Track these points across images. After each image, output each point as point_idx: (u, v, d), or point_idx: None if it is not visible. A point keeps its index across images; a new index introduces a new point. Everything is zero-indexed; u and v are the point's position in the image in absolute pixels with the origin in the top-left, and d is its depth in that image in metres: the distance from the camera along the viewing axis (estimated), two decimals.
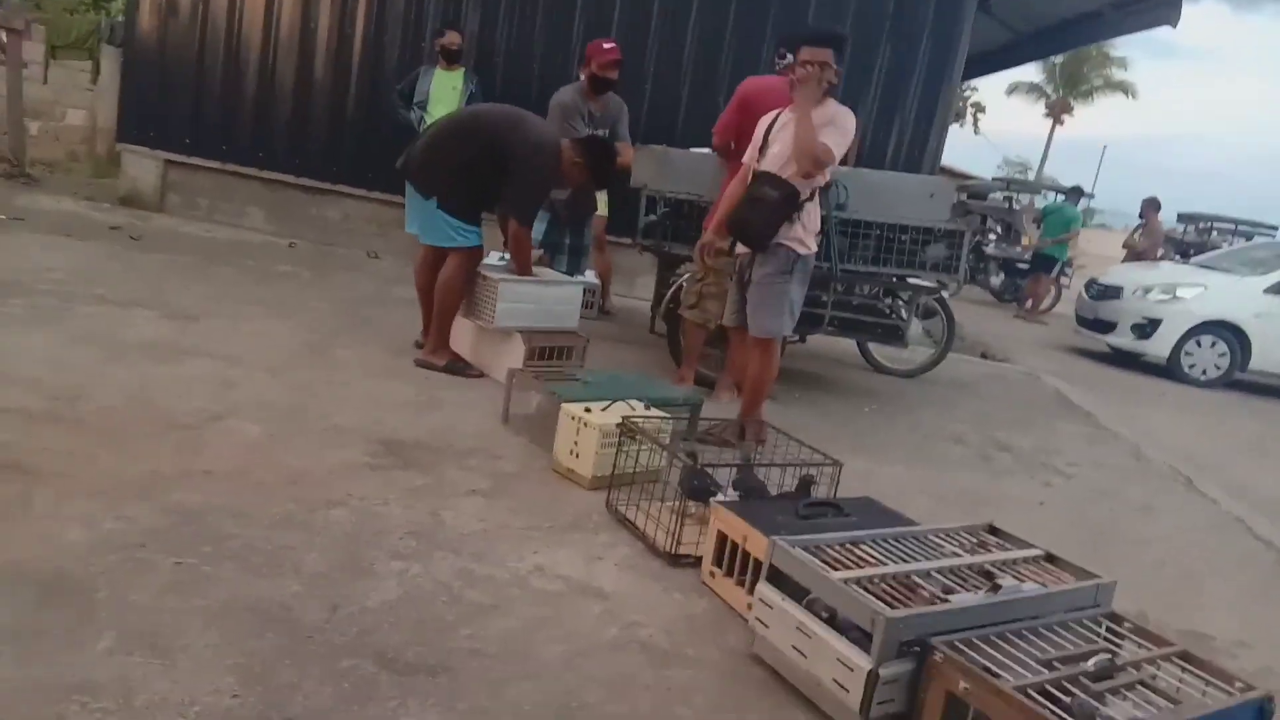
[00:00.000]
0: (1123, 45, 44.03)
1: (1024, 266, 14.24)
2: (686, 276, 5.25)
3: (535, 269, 5.08)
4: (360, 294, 6.41)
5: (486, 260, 5.39)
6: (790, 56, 4.79)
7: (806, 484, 3.24)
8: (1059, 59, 38.59)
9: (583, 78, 5.81)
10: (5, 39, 9.21)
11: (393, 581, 2.50)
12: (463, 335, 4.98)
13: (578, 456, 3.51)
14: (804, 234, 4.15)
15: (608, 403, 3.65)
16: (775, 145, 4.18)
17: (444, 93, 7.07)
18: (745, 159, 4.36)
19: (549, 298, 4.93)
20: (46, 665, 1.91)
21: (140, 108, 8.44)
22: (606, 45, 5.66)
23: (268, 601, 2.29)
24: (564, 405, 3.63)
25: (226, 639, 2.10)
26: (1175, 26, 8.90)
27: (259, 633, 2.15)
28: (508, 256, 5.10)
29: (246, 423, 3.51)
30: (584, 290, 5.77)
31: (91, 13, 16.14)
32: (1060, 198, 15.04)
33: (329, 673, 2.04)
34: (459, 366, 4.77)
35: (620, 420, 3.43)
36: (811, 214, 4.18)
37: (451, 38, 7.02)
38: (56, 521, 2.51)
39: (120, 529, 2.53)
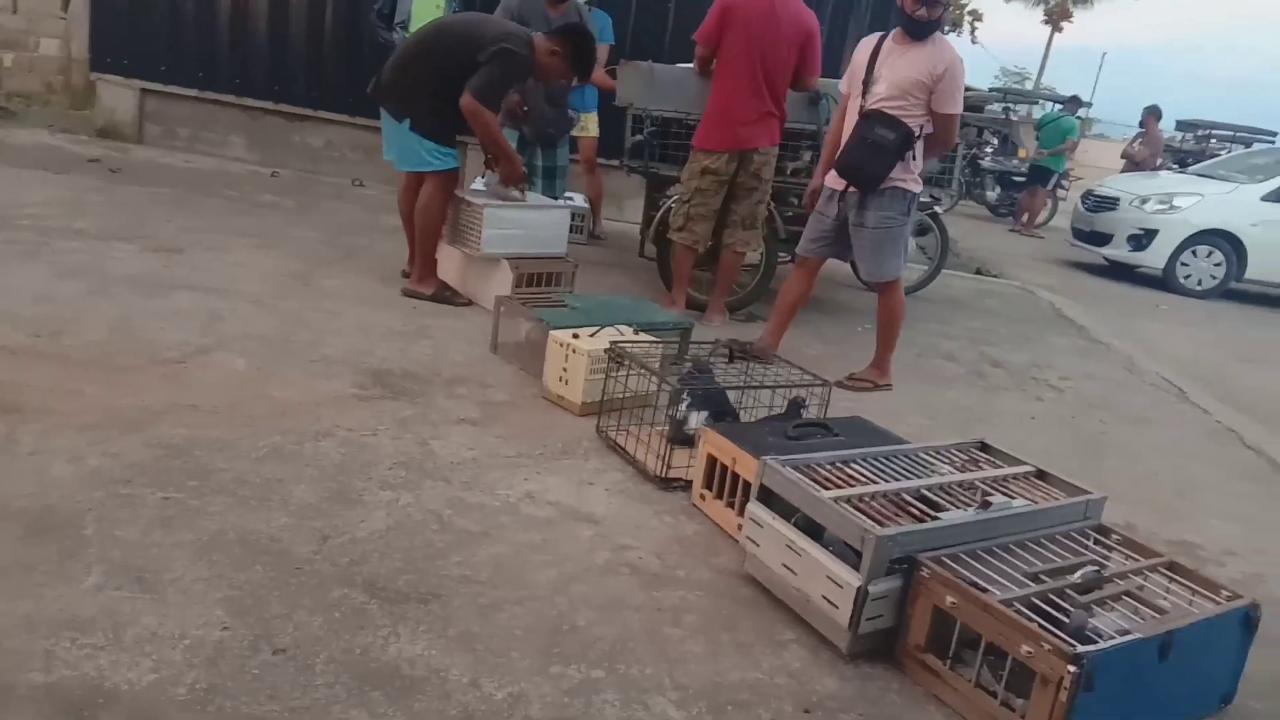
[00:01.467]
0: None
1: (1021, 180, 14.04)
2: (674, 199, 5.16)
3: (515, 193, 4.98)
4: (346, 223, 6.31)
5: (472, 186, 5.31)
6: None
7: (796, 405, 3.23)
8: None
9: None
10: None
11: (382, 511, 2.50)
12: (449, 263, 4.92)
13: (567, 383, 3.50)
14: (915, 172, 4.09)
15: (596, 328, 3.61)
16: (881, 81, 4.00)
17: (426, 12, 6.81)
18: (844, 88, 4.24)
19: (536, 223, 4.85)
20: (35, 601, 1.91)
21: (113, 36, 8.19)
22: None
23: (256, 534, 2.29)
24: (552, 332, 3.60)
25: (215, 572, 2.11)
26: None
27: (248, 565, 2.15)
28: (488, 180, 5.01)
29: (233, 355, 3.48)
30: (572, 214, 5.68)
31: None
32: (1057, 108, 14.77)
33: (319, 603, 2.05)
34: (446, 295, 4.72)
35: (609, 345, 3.41)
36: (920, 151, 4.08)
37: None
38: (42, 457, 2.50)
39: (106, 464, 2.51)
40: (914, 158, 4.06)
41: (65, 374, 3.07)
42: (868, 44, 4.16)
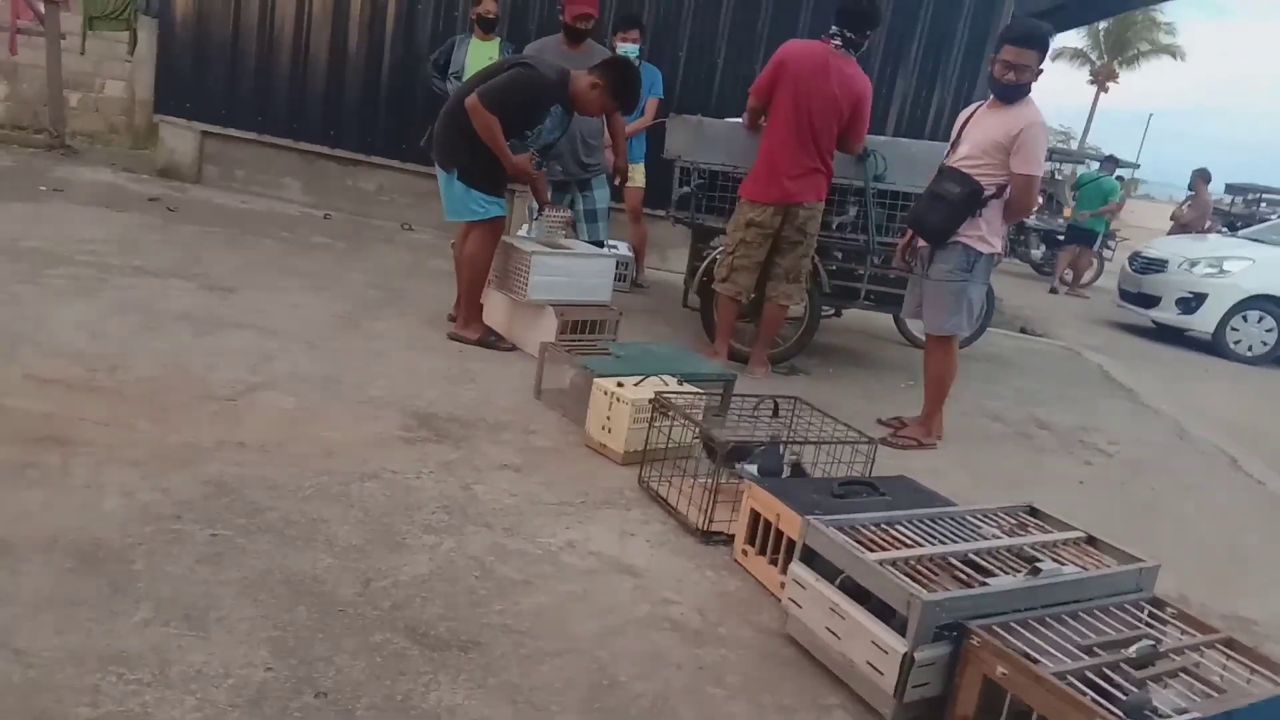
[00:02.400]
0: (1170, 9, 42.91)
1: (1061, 239, 13.95)
2: (719, 250, 5.19)
3: (562, 240, 5.05)
4: (395, 266, 6.42)
5: (519, 233, 5.39)
6: (840, 33, 4.69)
7: (798, 469, 3.19)
8: (1105, 24, 37.65)
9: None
10: (43, 9, 9.28)
11: (425, 556, 2.51)
12: (495, 308, 4.97)
13: (610, 431, 3.50)
14: (986, 231, 4.09)
15: (640, 377, 3.62)
16: (965, 143, 4.12)
17: (480, 63, 6.97)
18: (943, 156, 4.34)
19: (582, 270, 4.90)
20: (83, 635, 1.93)
21: (177, 79, 8.48)
22: None
23: (301, 574, 2.30)
24: (596, 379, 3.61)
25: (260, 611, 2.12)
26: None
27: (292, 606, 2.16)
28: (533, 226, 5.08)
29: (282, 394, 3.53)
30: (617, 263, 5.73)
31: None
32: (1096, 166, 14.70)
33: (361, 646, 2.05)
34: (491, 340, 4.76)
35: (653, 395, 3.41)
36: (996, 211, 4.10)
37: (487, 6, 6.90)
38: (94, 491, 2.54)
39: (157, 500, 2.55)
40: (981, 215, 4.05)
41: (118, 409, 3.13)
42: (966, 112, 4.30)
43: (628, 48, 6.55)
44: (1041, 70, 3.99)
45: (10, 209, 6.08)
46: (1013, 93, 3.99)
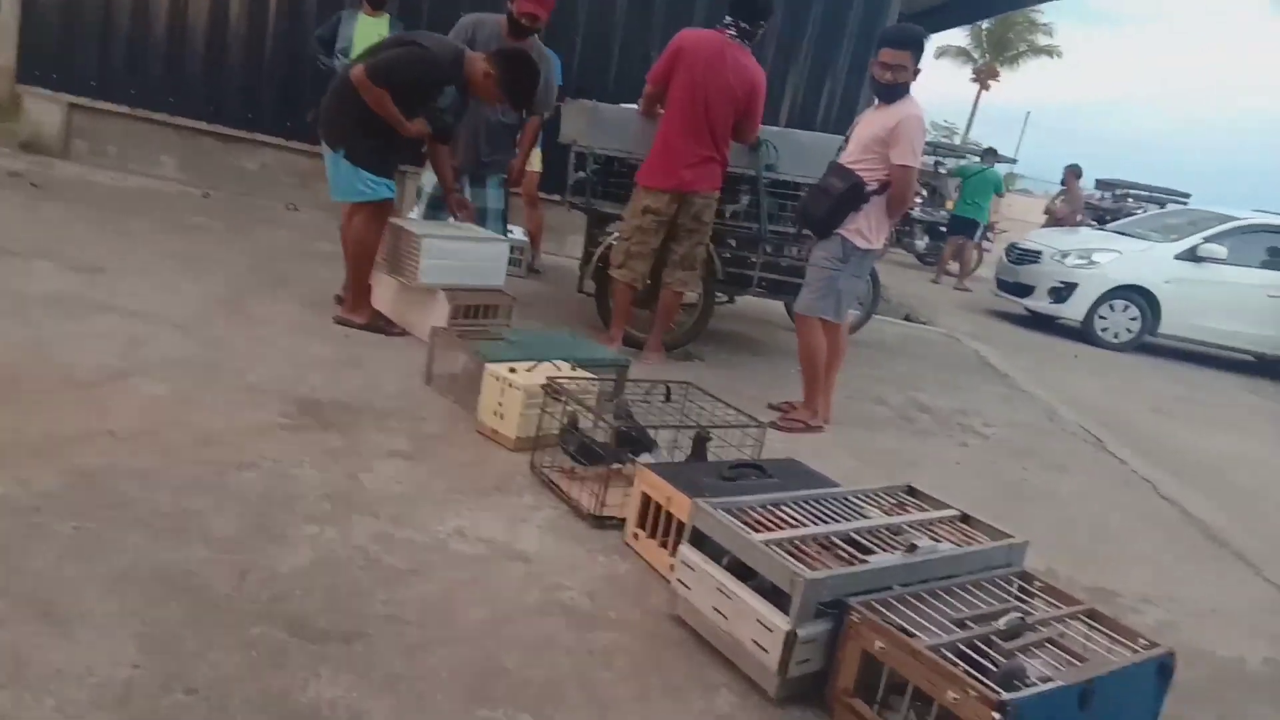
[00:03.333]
0: (1050, 10, 44.83)
1: (945, 230, 14.43)
2: (615, 236, 5.19)
3: (454, 223, 4.96)
4: (278, 248, 6.20)
5: (409, 215, 5.26)
6: (735, 23, 4.73)
7: (701, 442, 3.24)
8: (987, 24, 39.12)
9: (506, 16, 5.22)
10: None
11: (306, 546, 2.43)
12: (384, 292, 4.86)
13: (502, 418, 3.46)
14: (864, 226, 4.22)
15: (533, 363, 3.60)
16: (852, 142, 4.29)
17: (367, 39, 6.75)
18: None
19: (475, 254, 4.82)
20: None
21: (42, 47, 7.97)
22: None
23: (173, 568, 2.20)
24: (488, 365, 3.57)
25: (128, 607, 2.02)
26: None
27: (163, 601, 2.07)
28: (422, 209, 4.98)
29: (154, 381, 3.37)
30: (511, 247, 5.65)
31: None
32: (975, 160, 15.24)
33: (236, 641, 1.97)
34: (380, 324, 4.65)
35: (545, 381, 3.39)
36: (877, 208, 4.23)
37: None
38: None
39: (14, 492, 2.40)
40: (862, 210, 4.20)
41: None
42: (859, 116, 4.50)
43: None
44: (919, 69, 4.18)
45: None
46: (891, 92, 4.18)
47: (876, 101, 4.33)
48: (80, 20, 7.87)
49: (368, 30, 6.74)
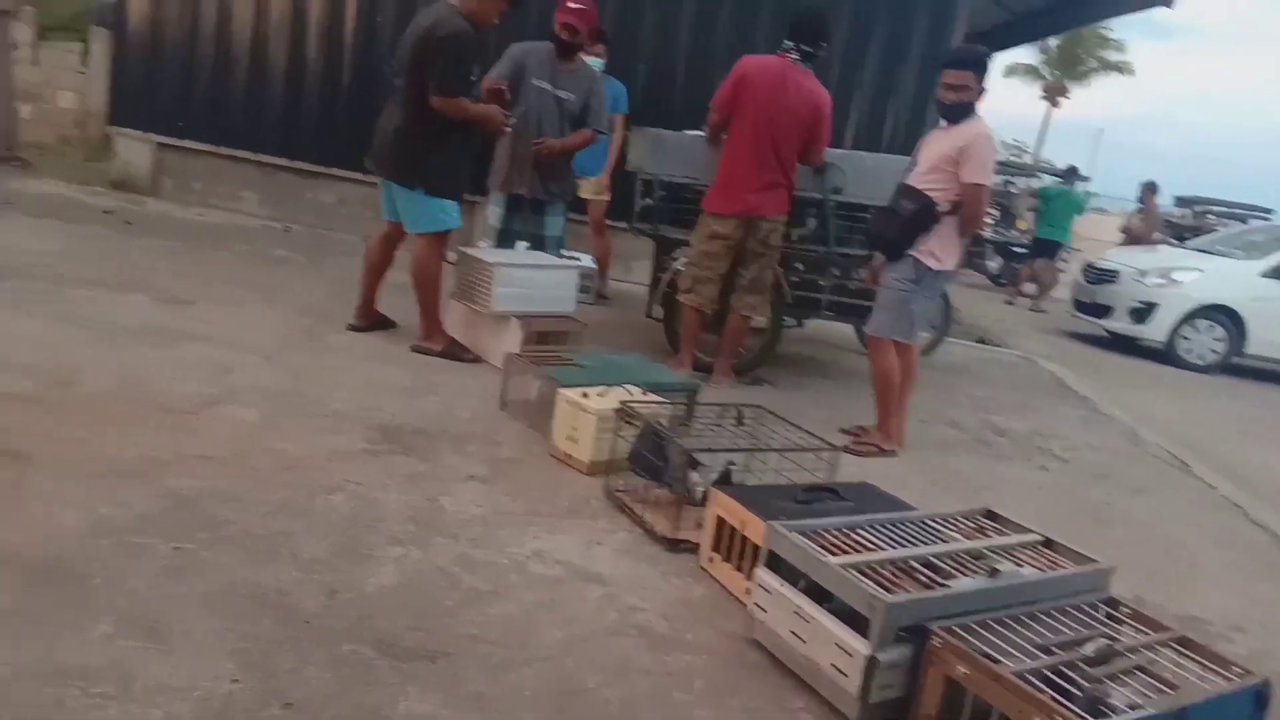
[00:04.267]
0: (1120, 26, 43.89)
1: (1022, 251, 14.16)
2: (682, 261, 5.23)
3: (532, 253, 5.07)
4: (355, 278, 6.34)
5: (480, 244, 5.38)
6: (796, 47, 4.78)
7: (726, 475, 3.21)
8: (1055, 41, 38.45)
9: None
10: None
11: (391, 567, 2.50)
12: (457, 320, 4.97)
13: (575, 442, 3.51)
14: (936, 246, 4.21)
15: (605, 388, 3.64)
16: (920, 163, 4.29)
17: None
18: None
19: (546, 282, 4.91)
20: (44, 650, 1.90)
21: (132, 90, 8.37)
22: (570, 4, 5.18)
23: (266, 587, 2.28)
24: (562, 390, 3.62)
25: (225, 624, 2.10)
26: (1171, 6, 8.83)
27: (257, 618, 2.15)
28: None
29: (243, 408, 3.50)
30: (581, 274, 5.73)
31: None
32: (1052, 180, 14.95)
33: (328, 658, 2.04)
34: (454, 350, 4.75)
35: (619, 405, 3.43)
36: (949, 228, 4.22)
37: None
38: (52, 506, 2.50)
39: (116, 514, 2.52)
40: (933, 231, 4.18)
41: (74, 423, 3.08)
42: (924, 137, 4.50)
43: (592, 60, 6.56)
44: (983, 89, 4.18)
45: None
46: (956, 112, 4.20)
47: (943, 122, 4.33)
48: (166, 65, 8.25)
49: None
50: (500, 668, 2.13)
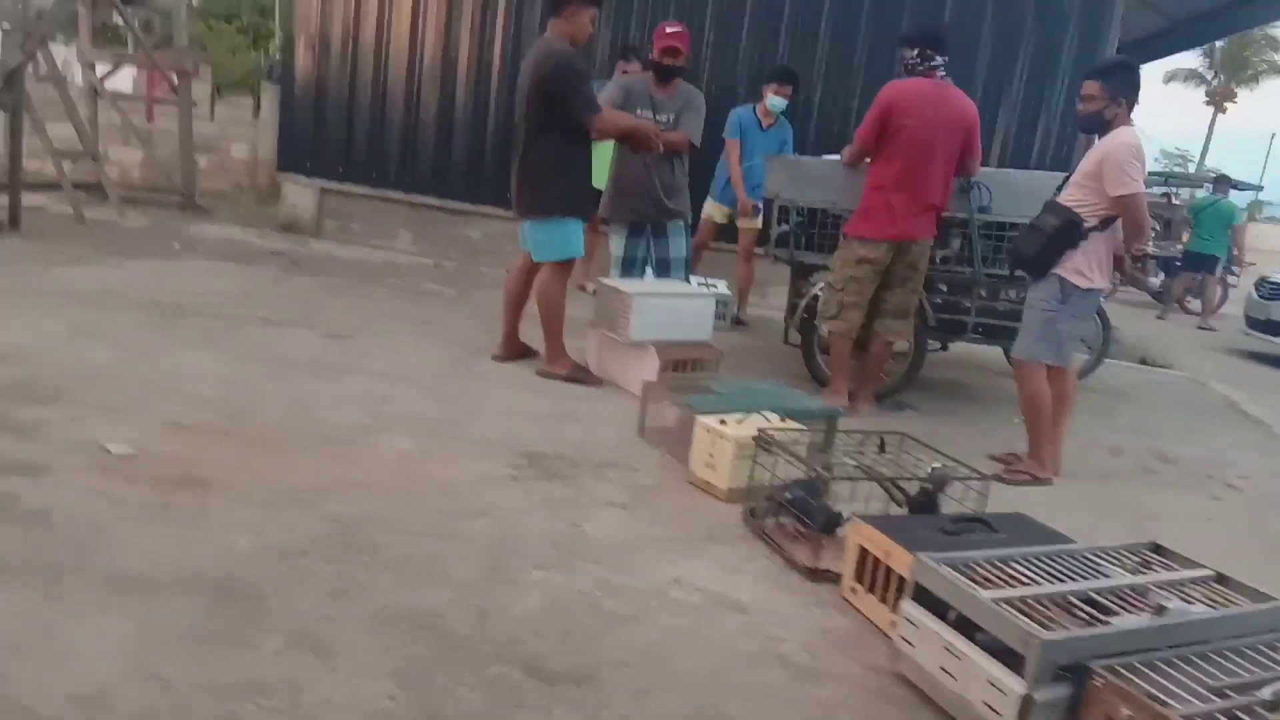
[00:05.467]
0: None
1: (1177, 265, 13.34)
2: (821, 286, 5.18)
3: (668, 282, 5.13)
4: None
5: (614, 275, 5.48)
6: (913, 52, 4.69)
7: (940, 482, 3.13)
8: (1220, 43, 36.19)
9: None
10: (177, 80, 9.97)
11: (536, 591, 2.57)
12: (595, 348, 5.08)
13: (714, 469, 3.52)
14: (1083, 264, 4.08)
15: (743, 415, 3.64)
16: (1071, 180, 4.21)
17: None
18: None
19: (682, 310, 4.96)
20: (219, 665, 2.05)
21: (298, 140, 8.99)
22: (669, 29, 5.34)
23: (421, 609, 2.39)
24: (699, 418, 3.64)
25: (384, 644, 2.21)
26: None
27: (413, 639, 2.25)
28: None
29: (398, 436, 3.68)
30: (716, 301, 5.76)
31: (252, 53, 17.24)
32: (1208, 190, 14.02)
33: (479, 679, 2.11)
34: (580, 375, 4.86)
35: (756, 432, 3.42)
36: (1099, 244, 4.08)
37: (634, 67, 6.71)
38: (228, 530, 2.69)
39: (285, 538, 2.69)
40: (1080, 248, 4.03)
41: (247, 452, 3.31)
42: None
43: (776, 101, 6.63)
44: (1118, 99, 4.02)
45: (147, 265, 6.52)
46: (1089, 124, 4.15)
47: (1096, 137, 4.17)
48: (329, 116, 8.83)
49: None
50: (644, 693, 2.15)
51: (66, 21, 10.68)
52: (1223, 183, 13.27)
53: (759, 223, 6.92)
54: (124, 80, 11.70)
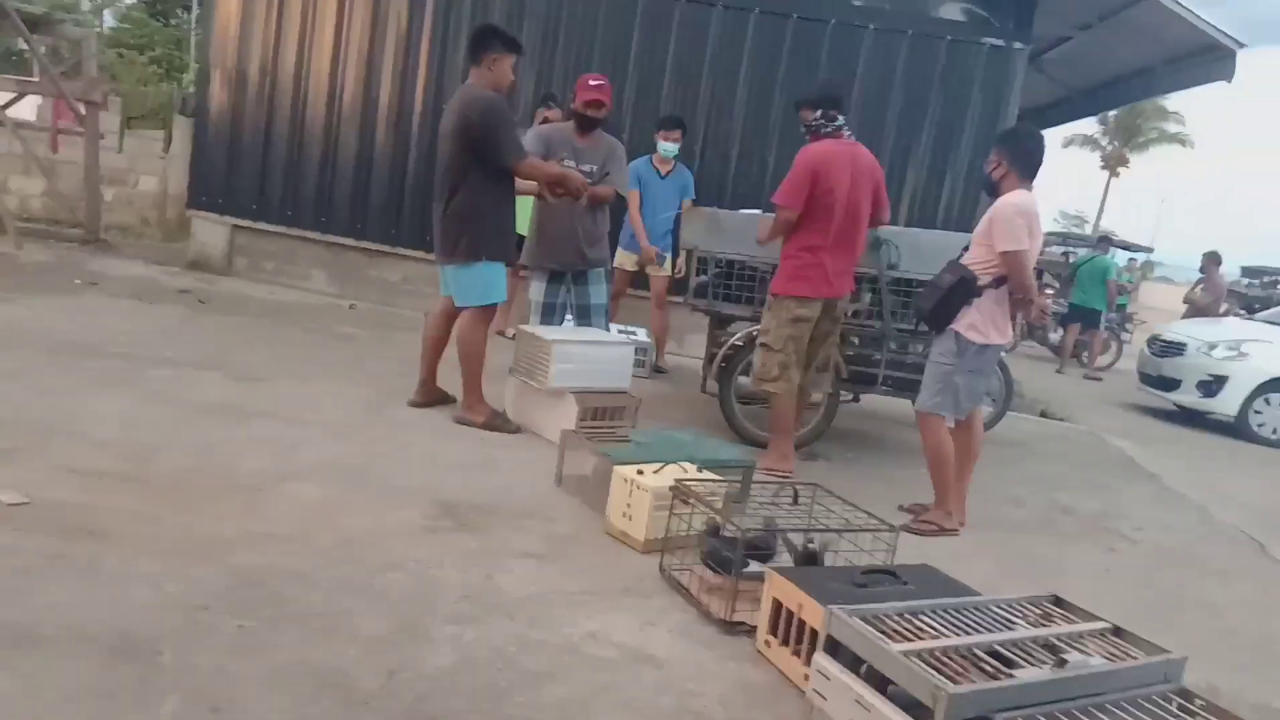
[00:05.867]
0: (1178, 98, 43.70)
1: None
2: (739, 338, 5.26)
3: (587, 329, 5.15)
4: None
5: (534, 321, 5.48)
6: (815, 114, 4.83)
7: (811, 555, 3.17)
8: (1114, 112, 38.36)
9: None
10: (84, 110, 9.67)
11: (448, 647, 2.52)
12: (513, 394, 5.05)
13: (630, 519, 3.52)
14: (978, 320, 4.23)
15: (660, 464, 3.66)
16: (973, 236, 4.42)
17: None
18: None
19: (602, 358, 4.98)
20: None
21: (210, 175, 8.78)
22: (592, 82, 5.41)
23: (326, 666, 2.32)
24: (616, 468, 3.64)
25: (287, 703, 2.13)
26: (1230, 81, 8.76)
27: (317, 697, 2.18)
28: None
29: (308, 484, 3.58)
30: (635, 349, 5.80)
31: (164, 84, 16.84)
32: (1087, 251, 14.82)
33: None
34: (497, 423, 4.82)
35: (673, 483, 3.43)
36: (993, 301, 4.24)
37: (555, 113, 6.80)
38: (124, 583, 2.58)
39: (184, 590, 2.58)
40: (974, 305, 4.21)
41: (148, 500, 3.19)
42: None
43: (668, 146, 6.78)
44: (1008, 165, 4.25)
45: (47, 302, 6.26)
46: (987, 185, 4.41)
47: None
48: (243, 152, 8.66)
49: None
50: None
51: None
52: (1103, 241, 14.04)
53: (667, 269, 7.03)
54: (27, 109, 11.27)
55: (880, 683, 2.26)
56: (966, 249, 4.43)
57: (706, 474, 3.69)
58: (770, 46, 8.12)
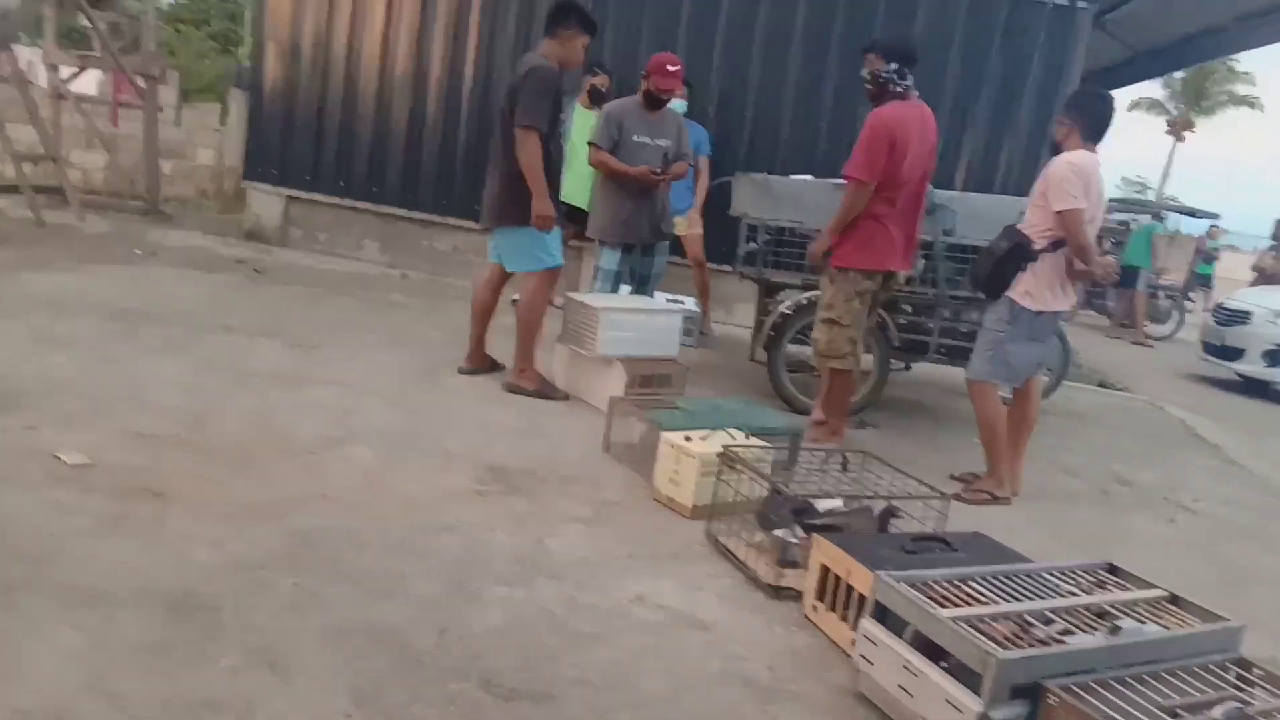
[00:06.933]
0: (1250, 58, 42.05)
1: (1149, 291, 13.69)
2: (788, 305, 5.23)
3: (637, 298, 5.14)
4: (468, 322, 6.56)
5: (586, 292, 5.50)
6: (889, 66, 4.51)
7: (886, 516, 3.17)
8: (1181, 74, 37.03)
9: (640, 90, 5.60)
10: (144, 85, 9.85)
11: (498, 607, 2.56)
12: (562, 362, 5.07)
13: (678, 485, 3.53)
14: (1032, 286, 4.13)
15: (708, 431, 3.65)
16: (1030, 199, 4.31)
17: (582, 130, 6.91)
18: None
19: (650, 326, 4.98)
20: (174, 681, 2.02)
21: (265, 147, 8.89)
22: (670, 67, 5.43)
23: (380, 624, 2.37)
24: (664, 434, 3.65)
25: (341, 660, 2.18)
26: None
27: (371, 654, 2.23)
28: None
29: (362, 448, 3.65)
30: (685, 318, 5.79)
31: (221, 58, 17.09)
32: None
33: (437, 696, 2.10)
34: (547, 389, 4.85)
35: (721, 449, 3.43)
36: (1048, 266, 4.12)
37: (603, 79, 6.90)
38: (186, 542, 2.65)
39: (244, 550, 2.65)
40: (1028, 270, 4.10)
41: (207, 462, 3.27)
42: None
43: (676, 103, 6.71)
44: (1072, 125, 4.13)
45: (108, 271, 6.42)
46: (1053, 149, 4.29)
47: None
48: (297, 124, 8.74)
49: (583, 122, 6.93)
50: (604, 713, 2.15)
51: (32, 23, 10.50)
52: (1160, 215, 14.00)
53: (699, 228, 7.02)
54: (89, 84, 11.49)
55: (928, 650, 2.25)
56: (1023, 214, 4.32)
57: (754, 441, 3.68)
58: (825, 2, 7.95)
